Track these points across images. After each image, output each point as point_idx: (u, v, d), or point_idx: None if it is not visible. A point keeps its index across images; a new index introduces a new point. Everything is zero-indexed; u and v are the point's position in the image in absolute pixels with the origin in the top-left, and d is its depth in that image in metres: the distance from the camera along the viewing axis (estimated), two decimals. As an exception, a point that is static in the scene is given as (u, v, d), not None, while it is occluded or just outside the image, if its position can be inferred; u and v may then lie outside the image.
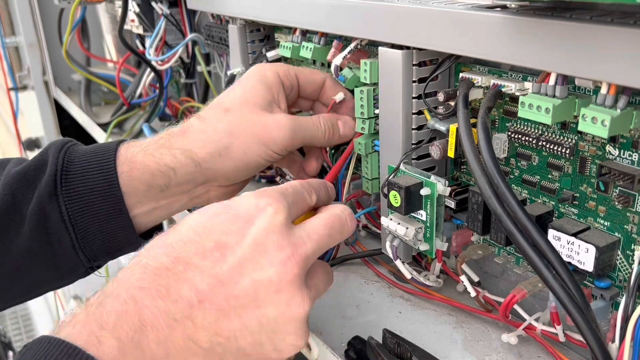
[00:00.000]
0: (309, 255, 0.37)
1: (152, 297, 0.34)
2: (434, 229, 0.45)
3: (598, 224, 0.40)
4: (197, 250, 0.36)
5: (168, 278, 0.35)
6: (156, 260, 0.36)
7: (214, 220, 0.37)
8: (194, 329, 0.35)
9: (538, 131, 0.42)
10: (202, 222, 0.37)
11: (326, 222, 0.40)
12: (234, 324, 0.35)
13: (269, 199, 0.38)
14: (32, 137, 1.76)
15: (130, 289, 0.35)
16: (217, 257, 0.36)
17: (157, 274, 0.35)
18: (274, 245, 0.36)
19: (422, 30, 0.42)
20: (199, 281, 0.35)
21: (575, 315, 0.33)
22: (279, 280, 0.36)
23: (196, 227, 0.37)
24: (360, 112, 0.52)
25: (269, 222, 0.37)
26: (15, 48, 1.66)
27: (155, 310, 0.34)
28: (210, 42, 0.83)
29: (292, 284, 0.36)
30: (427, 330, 0.48)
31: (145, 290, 0.35)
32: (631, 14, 0.31)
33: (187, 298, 0.35)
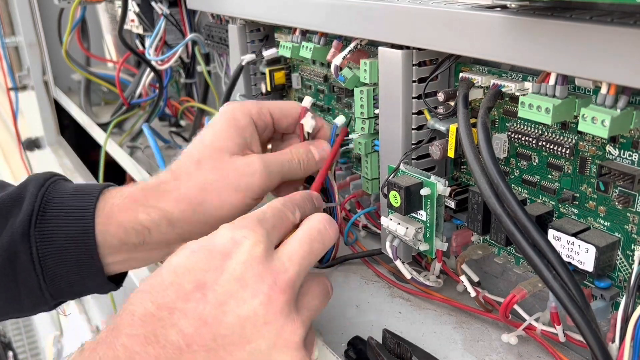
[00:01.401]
0: (294, 279, 0.37)
1: (141, 344, 0.35)
2: (434, 229, 0.45)
3: (598, 224, 0.40)
4: (179, 293, 0.36)
5: (154, 324, 0.35)
6: (142, 306, 0.36)
7: (192, 259, 0.37)
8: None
9: (538, 131, 0.42)
10: (180, 263, 0.37)
11: (304, 238, 0.39)
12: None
13: (244, 230, 0.38)
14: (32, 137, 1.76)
15: (120, 336, 0.35)
16: (199, 298, 0.35)
17: (144, 321, 0.35)
18: (255, 277, 0.36)
19: (422, 30, 0.42)
20: (184, 325, 0.35)
21: (575, 315, 0.33)
22: (265, 312, 0.35)
23: (175, 269, 0.37)
24: (360, 112, 0.52)
25: (247, 255, 0.36)
26: (15, 48, 1.66)
27: (146, 357, 0.34)
28: (210, 42, 0.83)
29: (279, 313, 0.36)
30: (427, 330, 0.48)
31: (135, 338, 0.35)
32: (631, 14, 0.31)
33: (175, 343, 0.35)
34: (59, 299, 0.50)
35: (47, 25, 1.43)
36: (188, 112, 1.04)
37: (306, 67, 0.65)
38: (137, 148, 1.05)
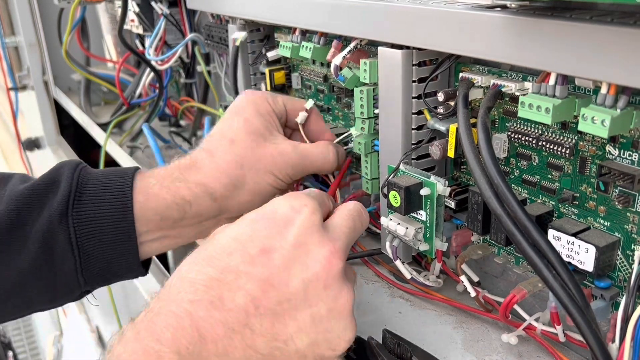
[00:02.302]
0: (345, 248, 0.38)
1: (206, 308, 0.34)
2: (434, 229, 0.45)
3: (598, 224, 0.40)
4: (244, 258, 0.36)
5: (220, 288, 0.35)
6: (202, 273, 0.36)
7: (254, 227, 0.38)
8: (252, 336, 0.35)
9: (538, 131, 0.42)
10: (241, 231, 0.38)
11: (348, 215, 0.41)
12: (289, 327, 0.35)
13: (302, 199, 0.39)
14: (32, 137, 1.76)
15: (181, 303, 0.35)
16: (265, 262, 0.36)
17: (208, 286, 0.35)
18: (316, 243, 0.37)
19: (422, 30, 0.42)
20: (251, 287, 0.35)
21: (575, 315, 0.33)
22: (325, 277, 0.36)
23: (237, 236, 0.37)
24: (360, 112, 0.52)
25: (308, 222, 0.37)
26: (15, 48, 1.66)
27: (212, 322, 0.34)
28: (210, 42, 0.83)
29: (337, 279, 0.37)
30: (427, 330, 0.48)
31: (198, 303, 0.34)
32: (631, 14, 0.31)
33: (242, 306, 0.35)
34: (89, 286, 0.51)
35: (47, 25, 1.43)
36: (188, 112, 1.04)
37: (306, 67, 0.65)
38: (137, 148, 1.05)
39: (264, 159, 0.51)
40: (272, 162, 0.51)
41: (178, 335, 0.33)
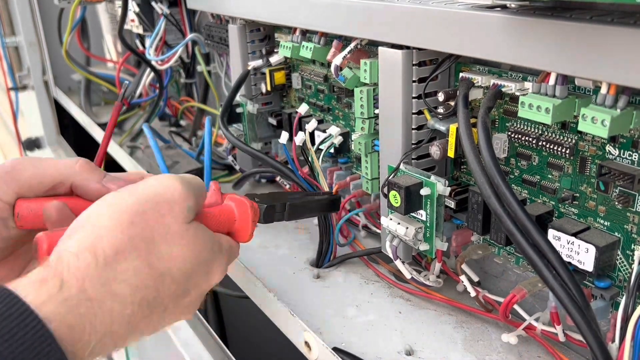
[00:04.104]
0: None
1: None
2: (434, 228, 0.45)
3: (598, 224, 0.40)
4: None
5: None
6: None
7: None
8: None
9: (538, 131, 0.42)
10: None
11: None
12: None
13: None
14: (32, 137, 1.76)
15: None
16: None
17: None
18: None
19: (422, 30, 0.42)
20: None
21: (575, 315, 0.33)
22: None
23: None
24: (360, 112, 0.52)
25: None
26: (15, 48, 1.66)
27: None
28: (210, 42, 0.83)
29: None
30: (427, 330, 0.48)
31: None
32: (631, 14, 0.31)
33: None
34: None
35: (47, 25, 1.43)
36: (188, 112, 1.04)
37: (306, 67, 0.65)
38: (137, 148, 1.05)
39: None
40: None
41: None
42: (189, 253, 0.38)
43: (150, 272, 0.36)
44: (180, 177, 0.40)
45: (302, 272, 0.57)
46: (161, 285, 0.37)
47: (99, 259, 0.34)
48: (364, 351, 0.45)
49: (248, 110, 0.70)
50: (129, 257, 0.35)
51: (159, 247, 0.37)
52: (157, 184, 0.39)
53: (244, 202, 0.45)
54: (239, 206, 0.45)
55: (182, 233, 0.38)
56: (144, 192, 0.38)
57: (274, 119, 0.70)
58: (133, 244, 0.36)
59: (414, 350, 0.46)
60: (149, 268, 0.36)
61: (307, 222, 0.66)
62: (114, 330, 0.34)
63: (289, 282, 0.55)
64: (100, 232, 0.35)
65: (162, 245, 0.37)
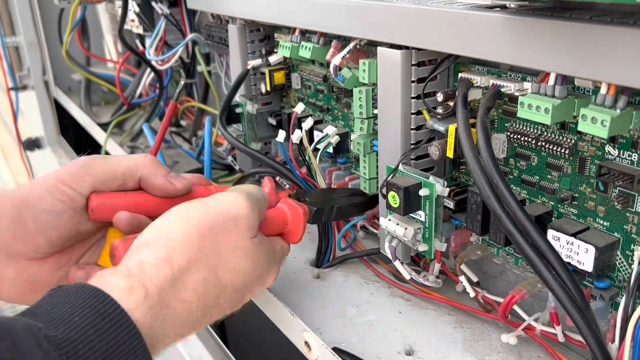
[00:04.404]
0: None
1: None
2: (433, 229, 0.45)
3: (597, 224, 0.40)
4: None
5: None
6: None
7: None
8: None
9: (537, 131, 0.42)
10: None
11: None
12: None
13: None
14: (32, 137, 1.76)
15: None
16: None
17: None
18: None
19: (422, 30, 0.42)
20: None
21: (575, 315, 0.33)
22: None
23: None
24: (359, 112, 0.52)
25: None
26: (15, 48, 1.66)
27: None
28: (210, 42, 0.83)
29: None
30: (427, 330, 0.48)
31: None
32: (631, 14, 0.31)
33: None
34: None
35: (47, 25, 1.43)
36: (188, 112, 1.04)
37: (306, 67, 0.65)
38: (138, 148, 1.05)
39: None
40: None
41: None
42: (251, 266, 0.42)
43: (216, 283, 0.40)
44: (246, 194, 0.44)
45: (302, 272, 0.57)
46: (222, 294, 0.40)
47: (175, 270, 0.37)
48: (364, 351, 0.45)
49: (248, 110, 0.70)
50: (200, 268, 0.39)
51: (226, 260, 0.40)
52: (224, 201, 0.42)
53: (296, 207, 0.49)
54: (292, 210, 0.48)
55: (246, 248, 0.42)
56: (213, 208, 0.42)
57: (274, 119, 0.70)
58: (203, 256, 0.39)
59: (414, 350, 0.45)
60: (215, 278, 0.39)
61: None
62: (181, 331, 0.38)
63: (289, 282, 0.55)
64: (173, 244, 0.39)
65: (229, 258, 0.40)
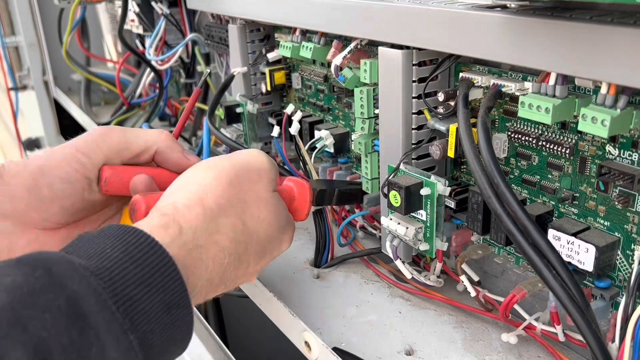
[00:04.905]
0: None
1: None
2: (434, 228, 0.45)
3: (598, 224, 0.40)
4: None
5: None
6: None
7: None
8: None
9: (538, 131, 0.42)
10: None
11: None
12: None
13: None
14: (32, 137, 1.76)
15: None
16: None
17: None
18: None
19: (422, 30, 0.42)
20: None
21: (575, 315, 0.33)
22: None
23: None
24: (360, 112, 0.52)
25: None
26: (15, 48, 1.66)
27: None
28: (210, 42, 0.83)
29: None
30: (427, 330, 0.48)
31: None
32: (631, 14, 0.31)
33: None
34: None
35: (47, 25, 1.43)
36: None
37: (306, 67, 0.65)
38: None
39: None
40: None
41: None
42: (272, 218, 0.43)
43: (244, 229, 0.41)
44: (264, 152, 0.46)
45: (302, 272, 0.57)
46: (250, 243, 0.41)
47: (207, 212, 0.39)
48: (364, 351, 0.45)
49: (248, 110, 0.70)
50: (229, 214, 0.40)
51: (252, 209, 0.42)
52: (248, 154, 0.44)
53: (303, 183, 0.49)
54: (298, 186, 0.49)
55: (268, 199, 0.43)
56: (239, 159, 0.43)
57: (274, 119, 0.70)
58: (231, 203, 0.41)
59: (414, 350, 0.46)
60: (243, 225, 0.41)
61: (307, 222, 0.66)
62: (212, 277, 0.39)
63: (289, 282, 0.55)
64: (205, 189, 0.40)
65: (254, 207, 0.42)
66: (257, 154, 0.45)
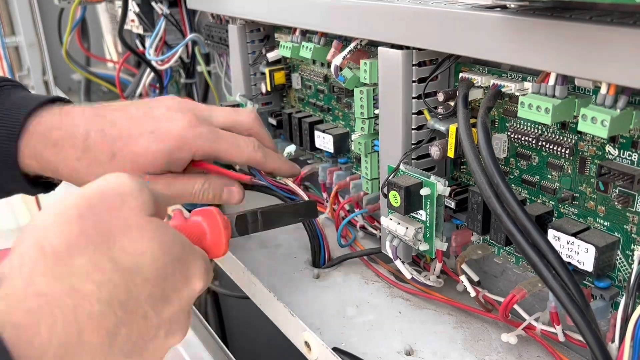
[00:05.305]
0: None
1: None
2: (434, 228, 0.45)
3: (598, 224, 0.40)
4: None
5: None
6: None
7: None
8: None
9: (538, 131, 0.42)
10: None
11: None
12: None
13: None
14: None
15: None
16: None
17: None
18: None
19: (422, 30, 0.42)
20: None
21: (575, 315, 0.33)
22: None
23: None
24: (360, 112, 0.52)
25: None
26: (15, 48, 1.66)
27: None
28: (210, 42, 0.84)
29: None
30: (427, 330, 0.48)
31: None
32: (631, 14, 0.31)
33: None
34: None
35: (47, 25, 1.43)
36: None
37: (306, 67, 0.65)
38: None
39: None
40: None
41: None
42: (157, 248, 0.35)
43: (115, 268, 0.33)
44: (132, 176, 0.38)
45: (302, 272, 0.57)
46: (132, 285, 0.33)
47: (47, 254, 0.32)
48: (364, 351, 0.46)
49: (248, 110, 0.70)
50: (85, 251, 0.33)
51: (121, 242, 0.34)
52: (103, 179, 0.37)
53: (211, 212, 0.42)
54: (207, 218, 0.42)
55: (144, 226, 0.35)
56: (92, 187, 0.36)
57: (274, 119, 0.70)
58: (87, 238, 0.33)
59: (414, 350, 0.46)
60: (112, 263, 0.33)
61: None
62: (85, 335, 0.31)
63: (289, 282, 0.55)
64: (45, 229, 0.33)
65: (124, 239, 0.34)
66: (115, 177, 0.37)
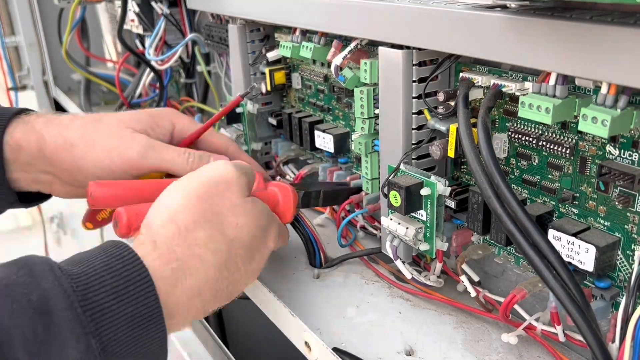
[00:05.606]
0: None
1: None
2: (434, 228, 0.45)
3: (598, 224, 0.40)
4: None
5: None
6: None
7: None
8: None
9: (538, 131, 0.42)
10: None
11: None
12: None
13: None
14: (32, 137, 1.75)
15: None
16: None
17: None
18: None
19: (422, 30, 0.42)
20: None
21: (575, 315, 0.33)
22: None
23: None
24: (360, 112, 0.52)
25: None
26: (15, 48, 1.66)
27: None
28: (210, 42, 0.83)
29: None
30: (427, 330, 0.48)
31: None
32: (631, 14, 0.31)
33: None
34: None
35: (47, 25, 1.43)
36: (188, 112, 1.04)
37: (306, 67, 0.65)
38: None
39: (111, 139, 0.54)
40: (116, 144, 0.54)
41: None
42: (251, 221, 0.45)
43: (223, 239, 0.43)
44: (232, 162, 0.48)
45: (302, 272, 0.57)
46: (233, 249, 0.44)
47: (181, 228, 0.41)
48: (364, 351, 0.45)
49: (248, 110, 0.70)
50: (204, 226, 0.42)
51: (228, 218, 0.44)
52: (214, 168, 0.47)
53: (286, 187, 0.52)
54: (282, 191, 0.52)
55: (243, 205, 0.45)
56: (206, 174, 0.46)
57: (274, 119, 0.70)
58: (205, 216, 0.43)
59: (414, 350, 0.46)
60: (222, 235, 0.43)
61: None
62: (201, 289, 0.41)
63: (289, 282, 0.55)
64: (176, 208, 0.43)
65: (230, 216, 0.44)
66: (223, 165, 0.47)
